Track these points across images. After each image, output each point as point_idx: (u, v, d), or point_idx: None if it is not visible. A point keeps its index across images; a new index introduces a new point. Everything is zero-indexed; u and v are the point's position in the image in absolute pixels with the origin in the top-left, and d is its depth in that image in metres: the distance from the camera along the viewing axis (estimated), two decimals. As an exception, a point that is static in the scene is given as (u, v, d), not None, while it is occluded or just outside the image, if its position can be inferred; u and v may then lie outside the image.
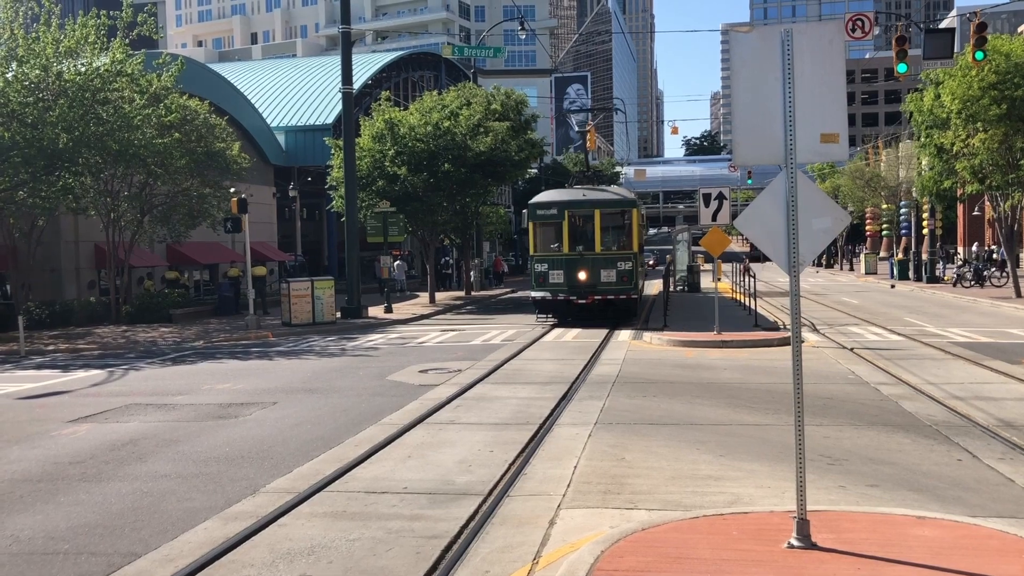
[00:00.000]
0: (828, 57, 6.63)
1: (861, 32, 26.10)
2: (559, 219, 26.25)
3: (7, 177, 27.05)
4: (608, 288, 25.90)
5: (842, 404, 13.27)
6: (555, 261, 26.34)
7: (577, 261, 26.01)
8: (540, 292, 26.67)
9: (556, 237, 26.53)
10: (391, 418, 12.89)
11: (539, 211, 26.82)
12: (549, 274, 26.29)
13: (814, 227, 6.75)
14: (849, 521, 7.22)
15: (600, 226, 26.07)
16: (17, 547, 7.63)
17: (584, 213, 26.40)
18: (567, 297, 26.24)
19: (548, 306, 27.07)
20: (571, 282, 26.05)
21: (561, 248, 26.25)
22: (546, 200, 27.43)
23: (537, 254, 26.83)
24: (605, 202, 26.98)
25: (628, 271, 25.93)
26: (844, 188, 69.68)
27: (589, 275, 25.91)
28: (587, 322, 26.26)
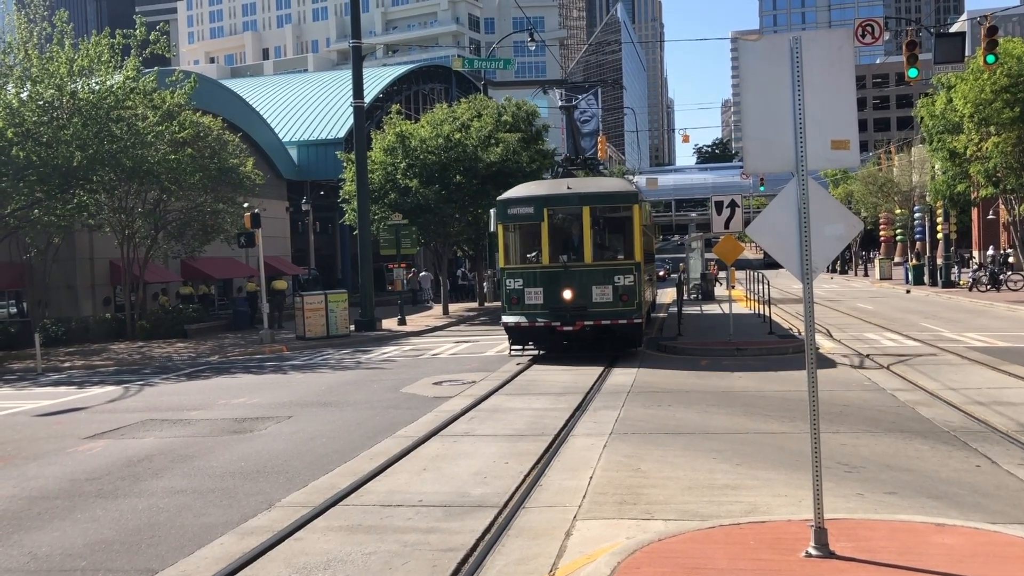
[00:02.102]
0: (837, 64, 6.62)
1: (871, 38, 26.05)
2: (536, 219, 20.21)
3: (23, 196, 27.26)
4: (602, 311, 19.83)
5: (859, 411, 13.19)
6: (532, 276, 20.33)
7: (561, 275, 19.98)
8: (513, 317, 20.45)
9: (533, 243, 20.74)
10: (406, 431, 12.89)
11: (510, 209, 20.69)
12: (525, 293, 20.16)
13: (826, 234, 6.72)
14: (867, 529, 7.16)
15: (591, 228, 20.12)
16: (35, 564, 7.66)
17: (569, 211, 20.45)
18: (548, 323, 19.98)
19: (524, 335, 20.83)
20: (553, 303, 19.94)
21: (540, 258, 20.30)
22: (519, 195, 21.20)
23: (509, 267, 20.73)
24: (597, 196, 20.77)
25: (629, 287, 19.82)
26: (857, 194, 69.51)
27: (577, 294, 19.86)
28: (575, 356, 20.46)
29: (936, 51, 24.43)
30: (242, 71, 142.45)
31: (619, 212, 20.83)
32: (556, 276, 20.02)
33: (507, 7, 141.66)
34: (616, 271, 19.97)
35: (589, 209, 20.04)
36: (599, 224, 20.74)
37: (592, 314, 19.83)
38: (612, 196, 21.20)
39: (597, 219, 20.51)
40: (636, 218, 20.33)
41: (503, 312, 20.81)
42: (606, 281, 19.83)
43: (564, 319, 19.85)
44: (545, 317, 19.98)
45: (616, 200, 21.05)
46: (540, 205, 20.25)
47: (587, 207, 20.05)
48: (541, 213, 20.13)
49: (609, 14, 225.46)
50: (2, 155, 25.71)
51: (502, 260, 20.79)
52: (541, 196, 20.72)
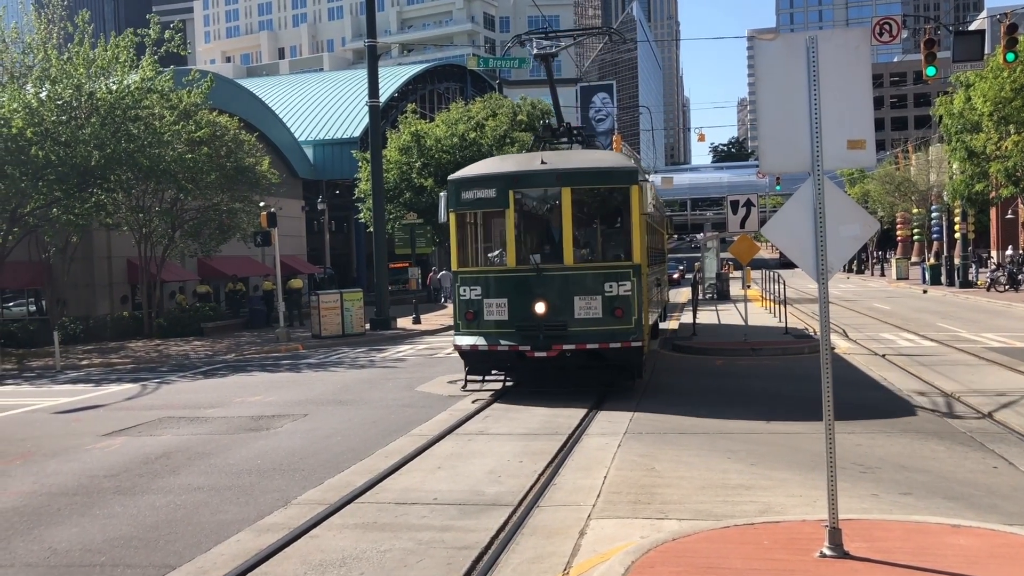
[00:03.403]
0: (854, 64, 6.61)
1: (889, 36, 25.89)
2: (499, 205, 15.15)
3: (42, 195, 27.48)
4: (589, 330, 14.65)
5: (875, 411, 13.14)
6: (494, 282, 15.25)
7: (532, 282, 14.84)
8: (469, 337, 15.35)
9: (496, 238, 15.96)
10: (420, 429, 12.94)
11: (465, 192, 15.55)
12: (484, 305, 15.14)
13: (842, 234, 6.71)
14: (882, 530, 7.14)
15: (574, 217, 14.92)
16: (55, 559, 7.74)
17: (544, 194, 15.45)
18: (514, 348, 14.90)
19: (483, 361, 15.77)
20: (522, 320, 14.85)
21: (505, 258, 15.28)
22: (477, 173, 15.94)
23: (464, 270, 15.65)
24: (582, 173, 15.38)
25: (625, 298, 14.70)
26: (874, 193, 69.18)
27: (553, 307, 14.75)
28: (552, 392, 15.28)
29: (955, 49, 24.26)
30: (258, 70, 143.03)
31: (612, 195, 15.43)
32: (526, 283, 14.79)
33: (522, 6, 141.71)
34: (608, 276, 14.72)
35: (571, 191, 14.78)
36: (585, 212, 15.59)
37: (574, 335, 14.59)
38: (603, 174, 15.58)
39: (582, 205, 15.41)
40: (635, 203, 14.82)
41: (455, 331, 15.61)
42: (594, 290, 14.62)
43: (536, 342, 14.64)
44: (511, 339, 14.82)
45: (608, 178, 15.44)
46: (505, 186, 15.00)
47: (568, 188, 14.77)
48: (506, 197, 14.94)
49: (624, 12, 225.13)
50: (21, 155, 25.93)
51: (455, 260, 15.64)
52: (506, 174, 15.31)
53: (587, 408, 13.81)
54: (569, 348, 14.64)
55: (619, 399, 14.61)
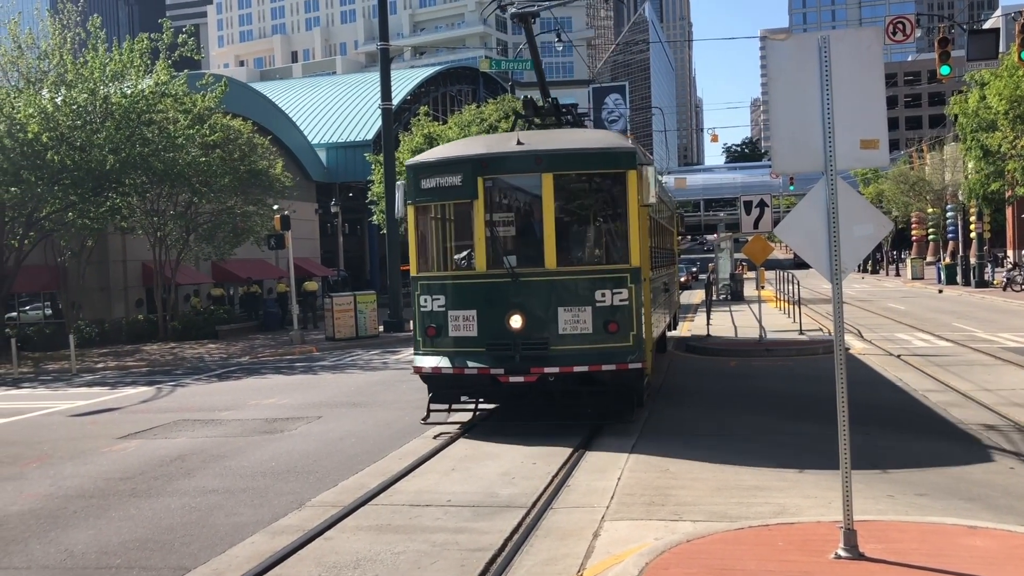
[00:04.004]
0: (866, 63, 6.58)
1: (902, 35, 25.78)
2: (466, 195, 12.53)
3: (57, 199, 27.67)
4: (576, 350, 12.10)
5: (890, 412, 13.08)
6: (460, 290, 12.69)
7: (507, 290, 12.29)
8: (431, 358, 12.76)
9: (462, 237, 13.09)
10: (434, 431, 12.94)
11: (425, 180, 12.92)
12: (449, 319, 12.57)
13: (856, 234, 6.68)
14: (898, 531, 7.11)
15: (557, 209, 12.39)
16: (71, 561, 7.78)
17: (521, 181, 12.91)
18: (484, 370, 12.26)
19: (447, 387, 12.98)
20: (494, 337, 12.29)
21: (473, 261, 12.65)
22: (440, 157, 13.35)
23: (424, 275, 13.07)
24: (568, 156, 12.66)
25: (621, 308, 12.11)
26: (888, 193, 68.84)
27: (532, 320, 12.19)
28: (531, 427, 12.55)
29: (969, 48, 24.14)
30: (271, 74, 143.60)
31: (605, 182, 12.71)
32: (499, 291, 12.22)
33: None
34: (600, 282, 12.10)
35: (554, 178, 12.20)
36: (572, 203, 12.91)
37: (558, 355, 11.97)
38: (593, 156, 12.76)
39: (569, 194, 12.79)
40: (633, 192, 12.18)
41: (415, 349, 12.99)
42: (583, 299, 12.06)
43: (511, 364, 12.02)
44: (480, 360, 12.20)
45: (600, 161, 12.66)
46: (472, 172, 12.39)
47: (550, 175, 12.18)
48: (474, 185, 12.34)
49: (637, 13, 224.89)
50: (37, 159, 26.11)
51: (413, 264, 13.07)
52: (474, 157, 12.70)
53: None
54: (552, 371, 11.92)
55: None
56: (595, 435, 11.99)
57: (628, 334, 12.09)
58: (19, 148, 26.05)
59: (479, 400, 13.44)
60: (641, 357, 12.14)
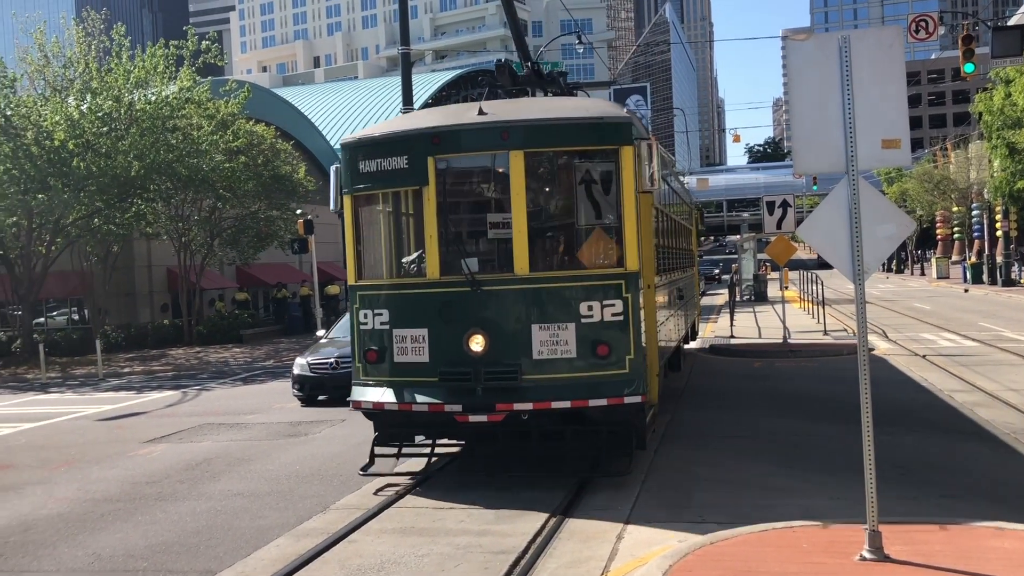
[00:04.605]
0: (887, 63, 6.55)
1: (925, 33, 25.62)
2: (415, 181, 9.91)
3: (83, 205, 27.97)
4: (554, 379, 9.46)
5: (915, 412, 12.99)
6: (408, 303, 10.09)
7: (466, 303, 9.68)
8: (374, 388, 10.08)
9: (412, 234, 10.54)
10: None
11: (364, 162, 10.31)
12: (393, 340, 9.93)
13: (878, 234, 6.65)
14: (923, 533, 7.06)
15: (530, 197, 9.79)
16: (99, 564, 7.87)
17: (483, 162, 10.31)
18: (437, 407, 9.60)
19: (395, 427, 10.46)
20: (450, 362, 9.59)
21: (424, 265, 10.06)
22: (383, 134, 10.59)
23: (364, 283, 10.42)
24: (542, 129, 9.94)
25: (614, 326, 9.43)
26: (912, 192, 68.32)
27: (498, 341, 9.53)
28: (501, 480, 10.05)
29: (993, 45, 23.90)
30: (294, 79, 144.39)
31: (592, 163, 9.98)
32: (456, 304, 9.61)
33: (554, 10, 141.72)
34: (586, 292, 9.47)
35: (524, 158, 9.54)
36: (549, 190, 10.30)
37: (532, 387, 9.33)
38: (575, 128, 9.93)
39: (545, 179, 10.19)
40: (628, 174, 9.51)
41: (353, 377, 10.26)
42: (564, 314, 9.42)
43: (472, 399, 9.43)
44: (432, 394, 9.57)
45: (584, 135, 9.92)
46: (422, 151, 9.77)
47: (520, 152, 9.52)
48: (423, 168, 9.70)
49: (657, 14, 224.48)
50: (63, 166, 26.41)
51: (351, 269, 10.50)
52: (423, 132, 10.03)
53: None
54: (523, 408, 9.27)
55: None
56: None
57: (623, 358, 9.31)
58: (46, 155, 26.37)
59: (435, 441, 10.60)
60: (641, 388, 9.31)
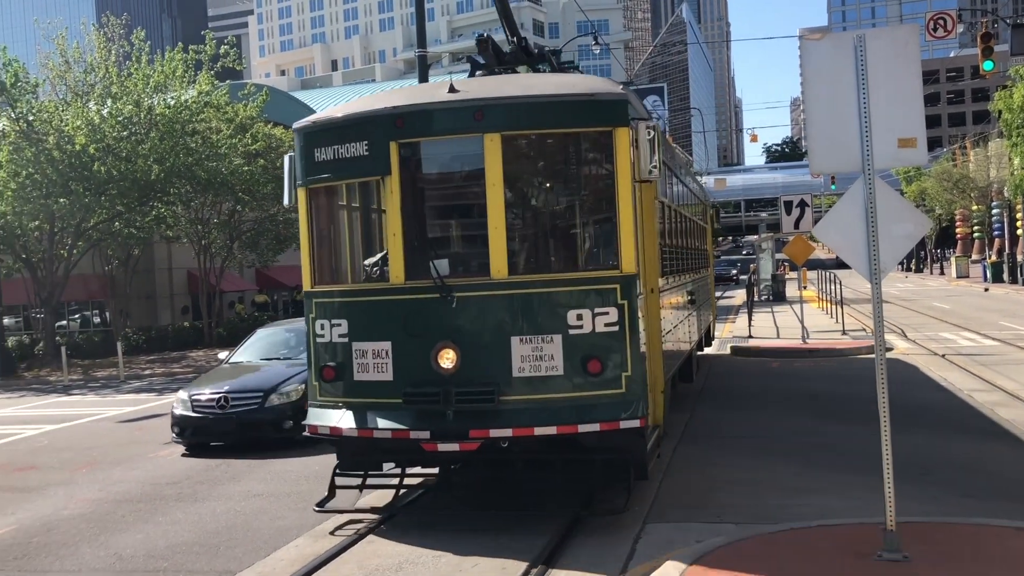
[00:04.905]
0: (903, 62, 6.54)
1: (943, 31, 25.45)
2: (376, 170, 8.46)
3: (104, 209, 28.23)
4: (536, 401, 8.06)
5: (934, 412, 12.92)
6: (368, 312, 8.64)
7: (434, 312, 8.19)
8: (328, 413, 8.65)
9: (374, 233, 9.24)
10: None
11: (320, 150, 8.86)
12: (353, 354, 8.49)
13: (895, 233, 6.63)
14: (943, 532, 7.04)
15: (508, 189, 8.38)
16: (120, 565, 7.96)
17: (454, 148, 8.77)
18: (401, 434, 8.14)
19: (357, 454, 8.95)
20: (416, 381, 8.16)
21: (386, 268, 8.58)
22: (341, 116, 9.09)
23: (320, 289, 9.02)
24: (522, 107, 8.48)
25: (609, 337, 8.02)
26: (931, 191, 67.87)
27: (471, 356, 8.09)
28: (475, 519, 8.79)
29: (1013, 42, 23.78)
30: (312, 82, 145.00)
31: (581, 148, 8.80)
32: (423, 314, 8.27)
33: (571, 11, 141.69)
34: (574, 298, 8.16)
35: (502, 142, 8.22)
36: (531, 180, 9.00)
37: (511, 410, 8.05)
38: (560, 107, 8.55)
39: (526, 167, 8.87)
40: (622, 160, 8.20)
41: (310, 398, 9.04)
42: (548, 324, 8.11)
43: (441, 424, 8.08)
44: (396, 418, 8.26)
45: (571, 115, 8.53)
46: (384, 135, 8.44)
47: (497, 135, 8.19)
48: (384, 155, 8.40)
49: (674, 15, 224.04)
50: (84, 170, 26.67)
51: (306, 273, 9.12)
52: (384, 114, 8.62)
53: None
54: (502, 434, 7.91)
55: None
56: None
57: (619, 375, 8.00)
58: (67, 160, 26.63)
59: (405, 471, 9.23)
60: (640, 409, 7.98)
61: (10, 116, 27.42)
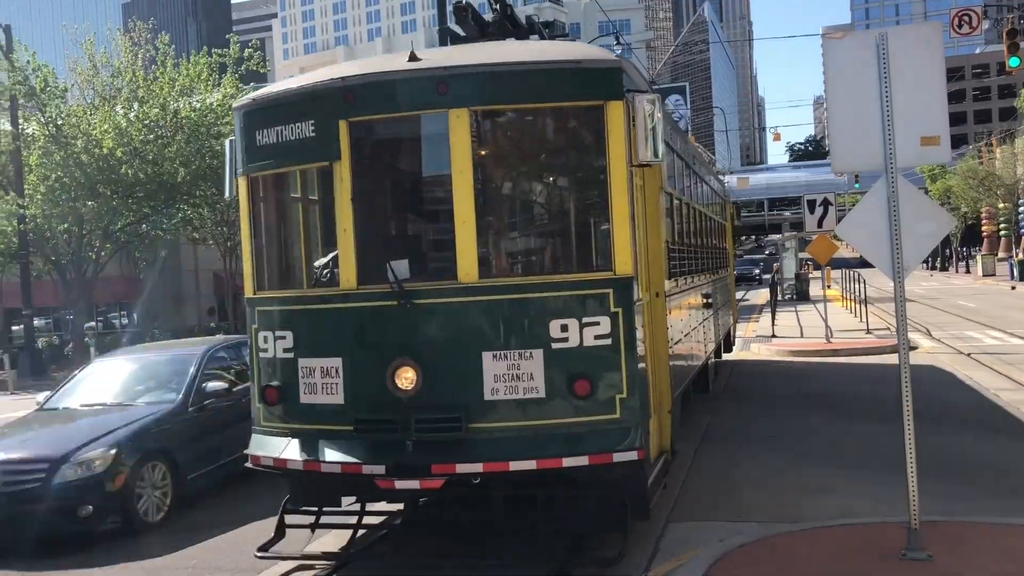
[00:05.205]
0: (926, 59, 6.54)
1: (969, 27, 25.29)
2: (323, 154, 7.07)
3: (132, 212, 28.58)
4: (512, 429, 6.79)
5: (959, 411, 12.86)
6: (315, 324, 7.35)
7: (391, 323, 6.91)
8: (272, 441, 7.41)
9: (325, 229, 7.54)
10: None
11: (263, 131, 7.46)
12: (299, 372, 7.21)
13: (918, 231, 6.64)
14: (967, 532, 7.03)
15: (478, 175, 6.98)
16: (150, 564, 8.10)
17: (413, 127, 7.32)
18: (353, 468, 6.86)
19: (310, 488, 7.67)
20: (369, 406, 6.90)
21: (337, 270, 7.20)
22: (284, 90, 7.70)
23: (263, 296, 7.80)
24: (493, 78, 7.04)
25: (600, 353, 6.76)
26: (956, 189, 67.31)
27: (433, 377, 6.75)
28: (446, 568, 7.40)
29: (1039, 38, 23.55)
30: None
31: (566, 125, 7.55)
32: (378, 324, 7.04)
33: (592, 11, 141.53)
34: (557, 305, 6.93)
35: (470, 119, 6.87)
36: (506, 164, 7.69)
37: (482, 440, 6.80)
38: (540, 77, 7.15)
39: (500, 148, 7.67)
40: (616, 139, 6.89)
41: (253, 423, 7.72)
42: (526, 337, 6.85)
43: (399, 456, 6.79)
44: (347, 448, 7.03)
45: (553, 86, 7.14)
46: (332, 112, 7.07)
47: (464, 112, 6.83)
48: (333, 137, 7.05)
49: (696, 14, 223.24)
50: (112, 173, 27.00)
51: (248, 277, 7.95)
52: (331, 87, 7.26)
53: None
54: (470, 470, 6.66)
55: None
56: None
57: (612, 398, 6.77)
58: (95, 163, 26.97)
59: (364, 508, 8.01)
60: (638, 438, 6.77)
61: (40, 120, 27.84)
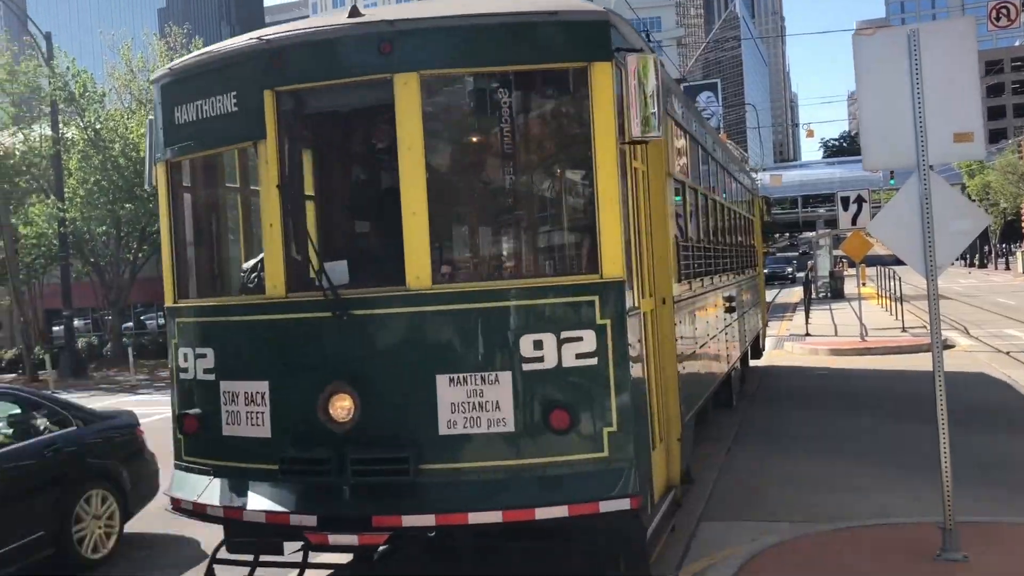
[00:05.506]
0: (959, 55, 6.47)
1: (1007, 20, 24.94)
2: (246, 132, 5.81)
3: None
4: (474, 470, 5.46)
5: (996, 410, 12.70)
6: (237, 339, 6.09)
7: (325, 338, 5.65)
8: (192, 479, 6.22)
9: (250, 225, 6.70)
10: None
11: (182, 108, 6.21)
12: (221, 398, 6.00)
13: (951, 229, 6.58)
14: (1004, 533, 6.97)
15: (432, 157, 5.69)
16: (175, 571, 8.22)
17: (353, 97, 6.01)
18: (278, 518, 5.55)
19: (240, 534, 5.97)
20: (298, 439, 5.65)
21: (261, 277, 5.96)
22: (203, 57, 6.30)
23: (184, 305, 6.56)
24: (449, 34, 5.58)
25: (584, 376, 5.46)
26: (995, 184, 66.36)
27: (375, 406, 5.44)
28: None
29: (1078, 31, 23.17)
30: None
31: (541, 91, 6.15)
32: (310, 340, 5.73)
33: (623, 8, 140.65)
34: (529, 318, 5.55)
35: (421, 84, 5.44)
36: (464, 142, 6.34)
37: (435, 486, 5.47)
38: (506, 32, 5.65)
39: (456, 122, 6.25)
40: (602, 110, 5.51)
41: (174, 457, 6.53)
42: (491, 357, 5.49)
43: (333, 504, 5.55)
44: (272, 492, 5.73)
45: (524, 45, 5.63)
46: (256, 81, 5.75)
47: (413, 77, 5.40)
48: (257, 110, 5.74)
49: (728, 10, 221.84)
50: (147, 176, 27.39)
51: (168, 282, 6.65)
52: (255, 49, 5.87)
53: None
54: (419, 523, 5.43)
55: None
56: None
57: (598, 432, 5.52)
58: (132, 166, 27.35)
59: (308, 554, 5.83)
60: (632, 482, 5.49)
61: (79, 125, 28.30)
